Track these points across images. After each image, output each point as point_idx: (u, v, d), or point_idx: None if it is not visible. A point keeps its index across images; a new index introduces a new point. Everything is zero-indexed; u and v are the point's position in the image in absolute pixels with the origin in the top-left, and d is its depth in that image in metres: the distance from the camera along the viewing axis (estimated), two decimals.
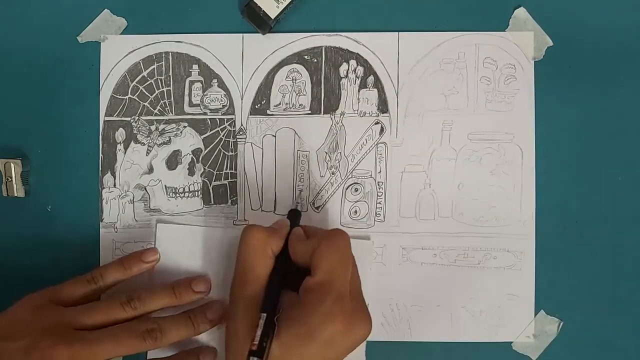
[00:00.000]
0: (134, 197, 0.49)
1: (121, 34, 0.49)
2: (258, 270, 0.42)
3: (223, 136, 0.49)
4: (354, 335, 0.40)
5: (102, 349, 0.42)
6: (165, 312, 0.45)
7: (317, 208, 0.48)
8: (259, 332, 0.39)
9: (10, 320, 0.43)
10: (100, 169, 0.49)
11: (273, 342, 0.39)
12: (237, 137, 0.49)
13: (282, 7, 0.47)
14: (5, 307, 0.48)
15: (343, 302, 0.40)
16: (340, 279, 0.41)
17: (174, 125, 0.49)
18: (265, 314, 0.40)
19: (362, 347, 0.46)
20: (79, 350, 0.41)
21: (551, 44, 0.48)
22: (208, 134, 0.49)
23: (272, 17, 0.47)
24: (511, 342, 0.48)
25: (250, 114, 0.49)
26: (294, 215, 0.47)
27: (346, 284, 0.41)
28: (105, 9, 0.49)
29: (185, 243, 0.47)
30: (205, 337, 0.47)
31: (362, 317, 0.41)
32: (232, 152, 0.49)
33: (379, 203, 0.48)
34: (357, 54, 0.48)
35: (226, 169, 0.49)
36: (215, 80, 0.49)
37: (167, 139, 0.49)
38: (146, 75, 0.49)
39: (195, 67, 0.49)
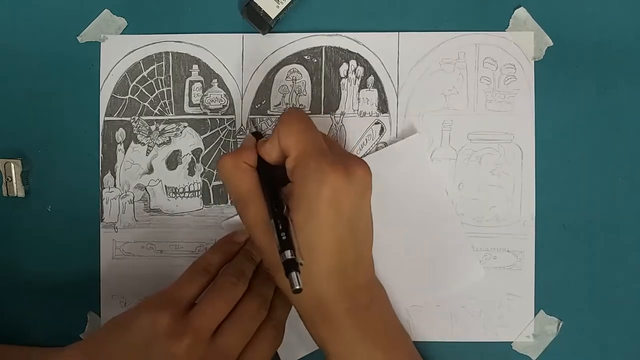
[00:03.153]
0: (134, 197, 0.49)
1: (121, 34, 0.49)
2: (245, 187, 0.41)
3: (223, 136, 0.49)
4: (354, 181, 0.39)
5: (237, 349, 0.42)
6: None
7: None
8: (276, 236, 0.38)
9: (144, 341, 0.41)
10: (100, 169, 0.49)
11: (295, 235, 0.38)
12: (237, 137, 0.49)
13: (282, 7, 0.47)
14: (5, 307, 0.49)
15: (326, 157, 0.39)
16: (312, 143, 0.40)
17: (174, 125, 0.49)
18: (273, 219, 0.39)
19: None
20: None
21: (551, 44, 0.48)
22: (208, 134, 0.49)
23: (272, 17, 0.47)
24: (511, 342, 0.48)
25: (250, 114, 0.49)
26: (256, 135, 0.45)
27: (321, 145, 0.40)
28: (105, 9, 0.49)
29: None
30: None
31: (353, 161, 0.40)
32: None
33: None
34: (357, 54, 0.48)
35: None
36: (215, 80, 0.49)
37: (167, 139, 0.49)
38: (146, 75, 0.49)
39: (195, 67, 0.49)
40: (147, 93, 0.49)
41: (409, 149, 0.48)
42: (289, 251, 0.37)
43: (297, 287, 0.36)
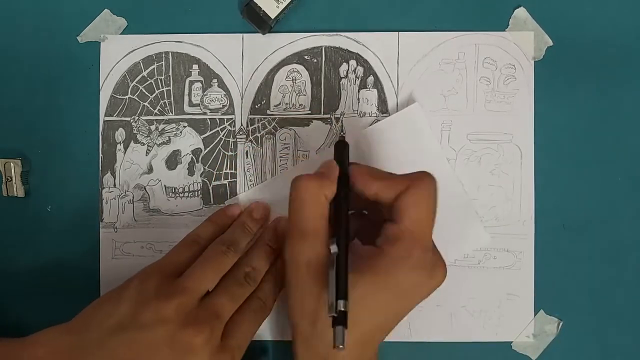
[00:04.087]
0: (133, 197, 0.49)
1: (121, 34, 0.49)
2: (314, 222, 0.40)
3: (223, 136, 0.49)
4: (432, 284, 0.40)
5: (226, 310, 0.42)
6: None
7: None
8: (334, 283, 0.36)
9: (133, 305, 0.41)
10: (100, 169, 0.49)
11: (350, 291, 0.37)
12: (237, 137, 0.49)
13: (282, 7, 0.47)
14: (5, 307, 0.49)
15: (428, 254, 0.39)
16: (427, 229, 0.39)
17: (173, 125, 0.49)
18: (336, 265, 0.37)
19: None
20: (215, 330, 0.41)
21: (551, 44, 0.48)
22: (208, 133, 0.49)
23: (272, 17, 0.47)
24: (511, 342, 0.48)
25: (250, 114, 0.49)
26: (341, 148, 0.43)
27: (431, 235, 0.40)
28: (105, 9, 0.49)
29: None
30: None
31: (441, 265, 0.40)
32: (232, 152, 0.49)
33: None
34: (357, 54, 0.48)
35: (226, 169, 0.49)
36: (215, 80, 0.49)
37: (167, 138, 0.49)
38: (146, 75, 0.49)
39: (195, 67, 0.49)
40: (147, 93, 0.49)
41: (408, 119, 0.48)
42: (343, 301, 0.36)
43: (341, 346, 0.35)
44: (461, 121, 0.48)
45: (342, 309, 0.36)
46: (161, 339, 0.40)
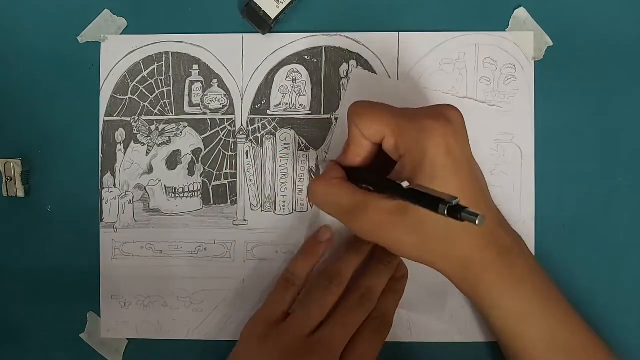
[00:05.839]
0: (133, 197, 0.49)
1: (121, 34, 0.49)
2: (348, 197, 0.41)
3: (223, 136, 0.49)
4: (455, 122, 0.39)
5: (338, 339, 0.42)
6: None
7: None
8: (421, 204, 0.35)
9: None
10: (100, 169, 0.49)
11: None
12: (237, 137, 0.49)
13: (282, 7, 0.47)
14: (5, 307, 0.49)
15: (419, 114, 0.39)
16: (396, 113, 0.40)
17: (174, 125, 0.49)
18: (404, 196, 0.37)
19: None
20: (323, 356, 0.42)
21: (551, 44, 0.48)
22: (208, 134, 0.49)
23: (272, 17, 0.47)
24: None
25: (250, 114, 0.49)
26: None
27: (403, 110, 0.41)
28: (105, 9, 0.49)
29: None
30: None
31: (440, 106, 0.40)
32: (232, 152, 0.49)
33: None
34: (357, 54, 0.48)
35: (226, 169, 0.49)
36: (215, 80, 0.49)
37: (167, 139, 0.49)
38: (146, 75, 0.49)
39: (195, 67, 0.49)
40: (147, 93, 0.49)
41: (355, 84, 0.47)
42: (442, 203, 0.34)
43: (481, 216, 0.32)
44: None
45: (452, 204, 0.34)
46: None
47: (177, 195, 0.49)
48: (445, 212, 0.34)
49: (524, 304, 0.41)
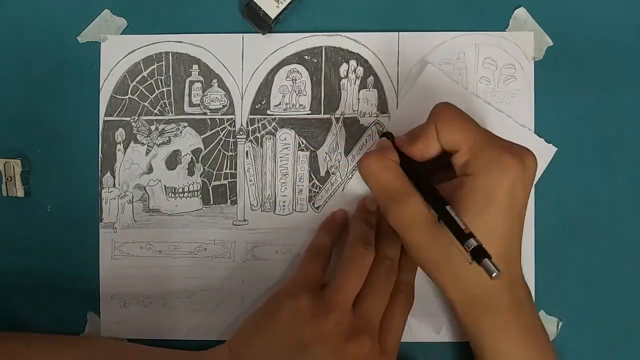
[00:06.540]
0: (133, 197, 0.49)
1: (121, 34, 0.49)
2: (398, 184, 0.41)
3: (223, 136, 0.49)
4: (528, 169, 0.39)
5: (378, 314, 0.43)
6: None
7: (317, 208, 0.48)
8: (451, 229, 0.37)
9: (292, 328, 0.42)
10: (99, 169, 0.49)
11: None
12: (237, 137, 0.49)
13: (282, 7, 0.47)
14: (5, 307, 0.49)
15: (503, 147, 0.39)
16: (481, 134, 0.40)
17: (173, 125, 0.49)
18: (441, 213, 0.38)
19: None
20: (374, 337, 0.42)
21: (551, 44, 0.48)
22: (208, 134, 0.49)
23: (272, 17, 0.47)
24: None
25: (250, 114, 0.49)
26: (388, 136, 0.44)
27: (489, 133, 0.40)
28: (105, 9, 0.49)
29: None
30: None
31: (523, 149, 0.40)
32: (232, 152, 0.49)
33: None
34: (357, 54, 0.48)
35: (226, 169, 0.49)
36: (215, 80, 0.49)
37: (167, 139, 0.49)
38: (146, 75, 0.49)
39: (195, 67, 0.49)
40: (147, 93, 0.49)
41: (428, 81, 0.47)
42: (472, 239, 0.36)
43: (497, 272, 0.35)
44: None
45: (476, 244, 0.36)
46: (327, 357, 0.40)
47: (177, 195, 0.49)
48: (469, 250, 0.35)
49: (523, 355, 0.41)
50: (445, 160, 0.41)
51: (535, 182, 0.47)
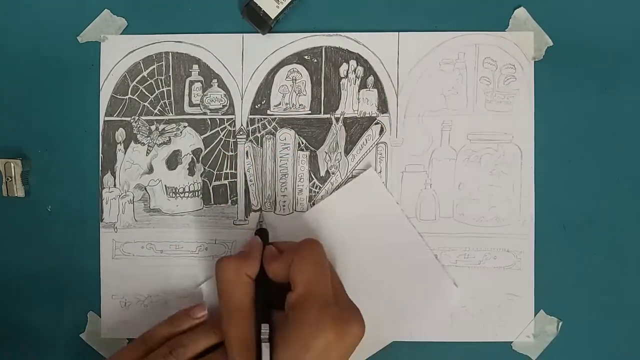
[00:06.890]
0: (133, 197, 0.49)
1: (121, 34, 0.49)
2: (238, 301, 0.42)
3: (223, 136, 0.49)
4: (348, 339, 0.40)
5: None
6: None
7: None
8: None
9: None
10: (100, 169, 0.49)
11: None
12: (237, 137, 0.49)
13: (282, 7, 0.47)
14: (5, 307, 0.49)
15: (329, 309, 0.40)
16: (320, 287, 0.41)
17: (174, 125, 0.49)
18: (265, 342, 0.40)
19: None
20: None
21: (551, 44, 0.48)
22: (208, 134, 0.49)
23: (272, 17, 0.47)
24: (511, 342, 0.48)
25: (250, 114, 0.49)
26: (262, 235, 0.46)
27: (327, 291, 0.41)
28: (105, 9, 0.49)
29: None
30: None
31: (352, 317, 0.41)
32: (232, 152, 0.49)
33: None
34: (357, 54, 0.49)
35: (226, 169, 0.49)
36: (215, 80, 0.49)
37: (167, 139, 0.49)
38: (146, 75, 0.49)
39: (195, 67, 0.49)
40: (147, 93, 0.49)
41: (364, 185, 0.48)
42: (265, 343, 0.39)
43: None
44: (461, 121, 0.48)
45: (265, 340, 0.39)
46: None
47: (177, 195, 0.49)
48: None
49: None
50: None
51: (534, 183, 0.47)
